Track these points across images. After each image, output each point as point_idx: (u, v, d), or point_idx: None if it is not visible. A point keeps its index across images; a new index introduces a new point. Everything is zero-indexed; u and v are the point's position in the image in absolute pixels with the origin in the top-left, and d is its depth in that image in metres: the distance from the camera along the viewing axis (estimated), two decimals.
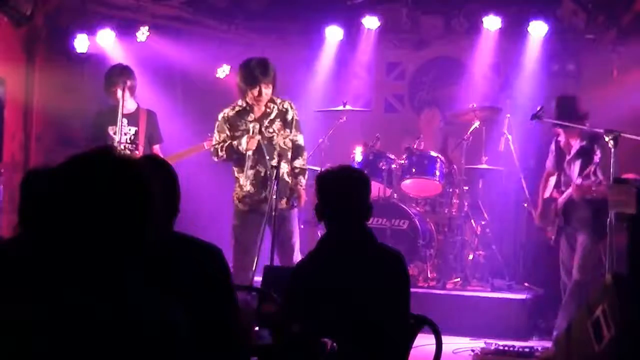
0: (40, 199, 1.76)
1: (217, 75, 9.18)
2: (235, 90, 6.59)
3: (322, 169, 6.32)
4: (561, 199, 6.32)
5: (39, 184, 2.86)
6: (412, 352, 3.49)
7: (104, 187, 1.71)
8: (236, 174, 6.44)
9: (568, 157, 6.33)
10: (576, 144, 6.25)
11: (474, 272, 7.68)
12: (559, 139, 6.41)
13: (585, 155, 6.15)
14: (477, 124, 7.74)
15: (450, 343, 5.95)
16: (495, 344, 6.14)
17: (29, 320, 1.65)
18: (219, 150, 6.40)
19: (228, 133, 6.37)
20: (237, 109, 6.42)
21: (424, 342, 3.74)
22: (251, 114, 6.39)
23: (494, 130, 8.01)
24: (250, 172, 6.34)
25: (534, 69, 8.55)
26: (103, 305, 1.69)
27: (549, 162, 6.58)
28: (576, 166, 6.21)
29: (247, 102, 6.37)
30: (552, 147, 6.55)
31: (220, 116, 6.43)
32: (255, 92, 6.26)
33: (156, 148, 6.88)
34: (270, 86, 6.25)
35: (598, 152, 6.01)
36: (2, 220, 7.25)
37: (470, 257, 7.74)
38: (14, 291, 1.73)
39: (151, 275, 1.97)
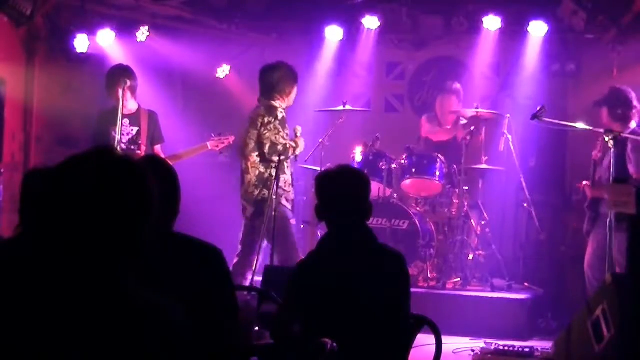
0: (39, 198, 1.76)
1: (217, 75, 9.18)
2: (235, 91, 6.64)
3: (322, 169, 6.34)
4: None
5: (38, 184, 2.86)
6: (412, 352, 3.49)
7: (103, 187, 1.71)
8: (273, 174, 6.41)
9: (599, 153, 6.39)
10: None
11: (474, 272, 7.68)
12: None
13: (619, 145, 6.15)
14: (470, 129, 7.73)
15: (450, 343, 5.95)
16: (495, 344, 6.14)
17: (28, 321, 1.65)
18: (291, 150, 6.46)
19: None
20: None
21: (424, 342, 3.75)
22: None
23: (494, 130, 8.00)
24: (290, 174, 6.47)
25: (534, 69, 8.55)
26: (103, 306, 1.69)
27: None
28: (609, 156, 6.21)
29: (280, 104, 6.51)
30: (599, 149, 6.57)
31: (281, 115, 6.47)
32: (295, 92, 6.56)
33: (157, 148, 6.88)
34: None
35: (629, 144, 6.04)
36: (2, 220, 7.25)
37: (470, 257, 7.73)
38: (13, 291, 1.73)
39: (151, 276, 1.97)
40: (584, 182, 6.64)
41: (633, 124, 6.37)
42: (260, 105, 6.61)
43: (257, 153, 6.48)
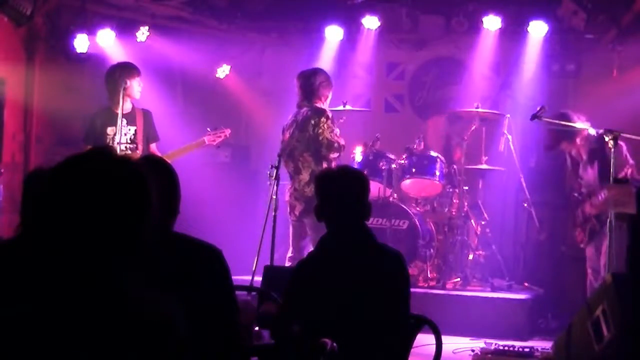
0: (38, 199, 1.77)
1: (217, 75, 9.18)
2: (235, 91, 6.66)
3: (322, 169, 6.34)
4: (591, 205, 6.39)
5: (39, 184, 2.86)
6: (412, 352, 3.49)
7: (101, 188, 1.71)
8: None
9: (581, 164, 6.42)
10: (585, 149, 6.33)
11: (474, 272, 7.68)
12: (571, 153, 6.52)
13: (598, 157, 6.20)
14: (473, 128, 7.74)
15: (450, 343, 5.95)
16: (495, 344, 6.14)
17: (28, 321, 1.65)
18: (343, 149, 6.69)
19: None
20: None
21: (424, 342, 3.75)
22: None
23: (494, 130, 8.01)
24: None
25: (534, 69, 8.55)
26: (103, 306, 1.69)
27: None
28: (593, 169, 6.27)
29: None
30: (568, 163, 6.64)
31: (330, 114, 6.66)
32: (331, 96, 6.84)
33: (153, 147, 6.87)
34: None
35: (607, 151, 6.07)
36: (2, 220, 7.25)
37: (470, 257, 7.73)
38: (13, 291, 1.73)
39: (151, 276, 1.97)
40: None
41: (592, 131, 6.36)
42: (306, 109, 6.68)
43: (309, 153, 6.58)
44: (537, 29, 8.26)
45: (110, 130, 6.65)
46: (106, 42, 8.21)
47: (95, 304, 1.68)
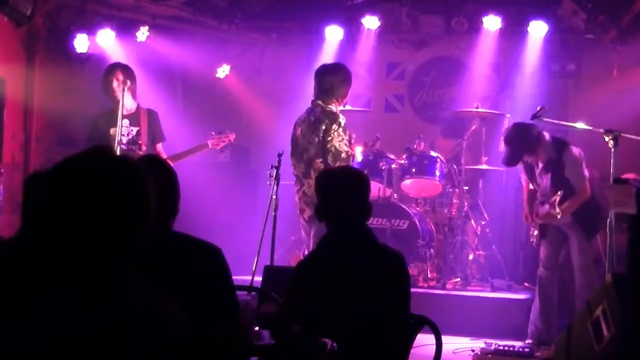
0: (37, 198, 1.77)
1: (217, 75, 9.18)
2: (235, 91, 6.61)
3: (322, 170, 6.33)
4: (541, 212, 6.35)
5: (40, 186, 2.85)
6: (412, 352, 3.49)
7: (99, 187, 1.71)
8: None
9: (537, 171, 6.35)
10: (543, 158, 6.26)
11: (474, 272, 7.69)
12: (525, 159, 6.38)
13: (553, 166, 6.18)
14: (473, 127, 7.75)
15: (450, 343, 5.95)
16: (495, 344, 6.14)
17: (28, 321, 1.65)
18: (352, 158, 6.40)
19: None
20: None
21: (424, 342, 3.75)
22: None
23: (494, 130, 8.01)
24: None
25: (534, 69, 8.56)
26: (103, 306, 1.69)
27: (523, 179, 6.61)
28: (547, 178, 6.23)
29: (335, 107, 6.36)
30: (520, 166, 6.52)
31: (343, 121, 6.26)
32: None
33: (159, 147, 6.85)
34: None
35: (565, 162, 6.06)
36: (2, 220, 7.25)
37: (470, 257, 7.74)
38: (13, 291, 1.73)
39: (151, 275, 1.97)
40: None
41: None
42: (319, 110, 6.33)
43: (320, 159, 6.26)
44: (537, 29, 8.27)
45: (113, 131, 6.63)
46: (106, 42, 8.21)
47: (94, 304, 1.68)
